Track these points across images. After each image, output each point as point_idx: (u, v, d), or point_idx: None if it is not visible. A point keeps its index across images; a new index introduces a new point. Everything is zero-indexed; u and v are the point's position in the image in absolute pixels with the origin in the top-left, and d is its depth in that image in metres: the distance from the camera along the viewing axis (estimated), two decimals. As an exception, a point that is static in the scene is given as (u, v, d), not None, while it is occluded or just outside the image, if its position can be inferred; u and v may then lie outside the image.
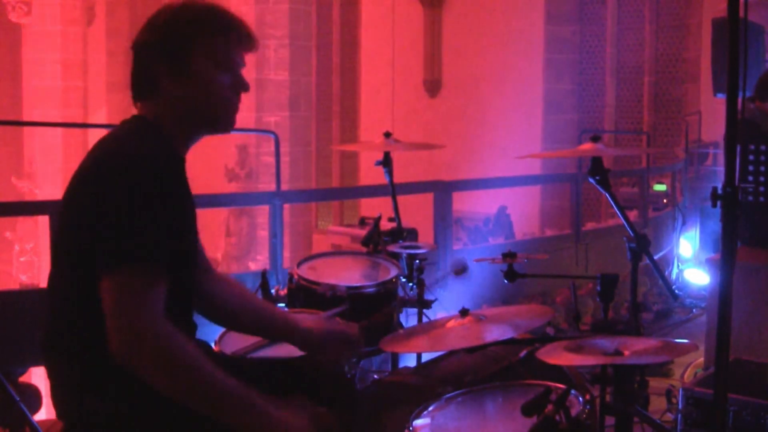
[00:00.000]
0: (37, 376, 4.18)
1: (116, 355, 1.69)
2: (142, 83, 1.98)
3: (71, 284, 1.82)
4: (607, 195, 2.68)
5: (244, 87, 2.02)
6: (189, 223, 1.94)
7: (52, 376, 1.89)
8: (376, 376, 2.61)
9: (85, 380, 1.81)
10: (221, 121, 2.01)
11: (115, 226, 1.72)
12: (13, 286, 12.05)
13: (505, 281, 3.08)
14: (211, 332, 2.32)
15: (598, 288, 2.72)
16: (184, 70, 1.92)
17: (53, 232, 1.95)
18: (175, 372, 1.71)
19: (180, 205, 1.87)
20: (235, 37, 1.98)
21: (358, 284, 3.11)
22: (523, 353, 2.41)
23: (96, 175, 1.81)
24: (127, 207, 1.73)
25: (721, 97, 7.24)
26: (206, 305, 2.15)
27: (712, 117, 9.63)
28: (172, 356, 1.71)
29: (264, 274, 3.62)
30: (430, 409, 2.04)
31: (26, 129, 13.34)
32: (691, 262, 7.93)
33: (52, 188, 12.26)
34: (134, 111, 2.03)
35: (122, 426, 1.81)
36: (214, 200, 6.27)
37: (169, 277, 1.77)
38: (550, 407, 1.69)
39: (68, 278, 1.83)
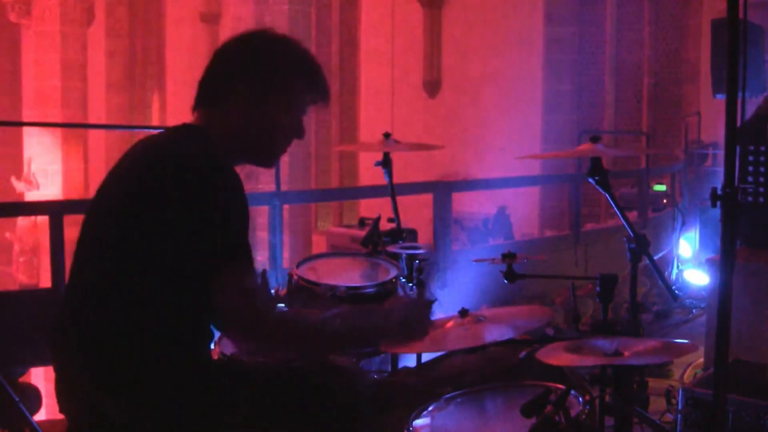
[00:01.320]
0: (37, 377, 4.18)
1: (243, 335, 1.91)
2: (213, 92, 1.99)
3: (121, 283, 1.81)
4: (606, 195, 2.68)
5: (300, 135, 2.07)
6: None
7: (60, 372, 1.89)
8: (375, 377, 2.61)
9: (94, 376, 1.82)
10: (268, 158, 2.06)
11: (233, 227, 1.81)
12: (12, 286, 12.05)
13: (505, 282, 3.08)
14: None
15: (598, 289, 2.72)
16: (260, 99, 1.95)
17: (100, 231, 1.91)
18: (294, 338, 1.91)
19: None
20: (317, 93, 2.04)
21: (358, 285, 3.11)
22: (522, 354, 2.41)
23: (183, 179, 1.81)
24: (235, 210, 1.83)
25: (721, 98, 7.24)
26: None
27: (711, 118, 9.63)
28: (288, 325, 1.94)
29: (263, 275, 3.62)
30: (430, 409, 2.05)
31: (26, 129, 13.33)
32: (690, 262, 7.93)
33: (52, 188, 12.26)
34: (133, 111, 2.03)
35: (131, 424, 1.81)
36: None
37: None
38: (549, 408, 1.69)
39: (122, 276, 1.82)
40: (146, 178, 1.85)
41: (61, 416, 1.93)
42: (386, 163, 3.88)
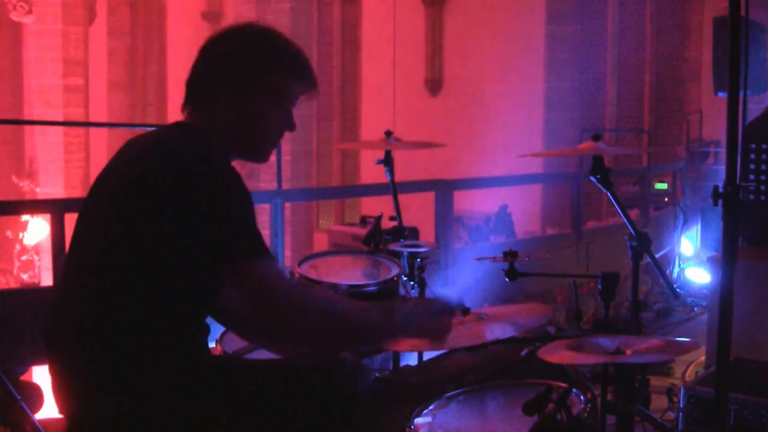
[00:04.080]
0: (39, 375, 4.18)
1: (268, 326, 1.90)
2: (200, 90, 1.98)
3: (117, 281, 1.80)
4: (608, 194, 2.68)
5: (291, 128, 2.06)
6: None
7: (56, 371, 1.89)
8: (377, 375, 2.61)
9: (92, 376, 1.81)
10: (260, 152, 2.05)
11: (246, 221, 1.82)
12: (13, 285, 12.05)
13: (506, 280, 3.08)
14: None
15: (599, 287, 2.72)
16: (248, 95, 1.95)
17: (90, 228, 1.90)
18: (324, 322, 1.89)
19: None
20: (304, 82, 2.02)
21: (360, 283, 3.11)
22: (524, 352, 2.41)
23: (182, 176, 1.80)
24: (244, 204, 1.84)
25: (722, 96, 7.23)
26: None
27: (713, 116, 9.63)
28: (315, 309, 1.89)
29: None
30: (431, 407, 2.05)
31: (27, 128, 13.33)
32: (692, 260, 7.93)
33: (53, 187, 12.25)
34: (133, 111, 2.04)
35: (128, 422, 1.81)
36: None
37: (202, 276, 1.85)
38: (551, 406, 1.69)
39: (115, 275, 1.81)
40: (142, 175, 1.84)
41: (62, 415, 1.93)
42: (388, 161, 3.88)
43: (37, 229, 11.38)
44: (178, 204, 1.79)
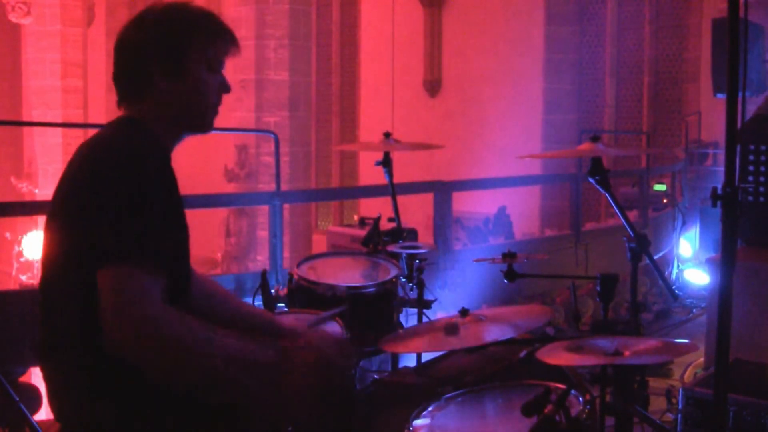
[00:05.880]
0: (37, 376, 4.17)
1: (119, 345, 1.68)
2: (131, 83, 1.96)
3: (69, 285, 1.81)
4: (607, 195, 2.68)
5: (227, 89, 2.04)
6: (183, 220, 1.95)
7: (48, 379, 1.88)
8: (376, 376, 2.61)
9: (83, 383, 1.81)
10: (207, 121, 2.04)
11: (118, 222, 1.73)
12: (12, 286, 12.04)
13: (505, 281, 3.08)
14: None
15: (598, 288, 2.72)
16: (179, 70, 1.94)
17: (47, 234, 1.91)
18: (182, 356, 1.71)
19: (176, 202, 1.89)
20: (225, 40, 2.01)
21: (358, 284, 3.11)
22: (522, 353, 2.41)
23: (93, 174, 1.81)
24: (129, 204, 1.75)
25: (721, 97, 7.24)
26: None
27: (711, 117, 9.63)
28: (179, 339, 1.71)
29: (264, 275, 3.62)
30: (430, 409, 2.04)
31: (26, 129, 13.32)
32: (691, 262, 7.94)
33: (52, 188, 12.23)
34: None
35: (121, 428, 1.80)
36: (214, 200, 6.26)
37: (165, 272, 1.78)
38: (550, 407, 1.69)
39: (66, 279, 1.82)
40: (67, 177, 1.90)
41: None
42: (386, 162, 3.88)
43: (39, 241, 11.33)
44: (85, 204, 1.79)
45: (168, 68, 1.93)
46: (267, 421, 1.90)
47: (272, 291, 3.53)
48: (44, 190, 12.39)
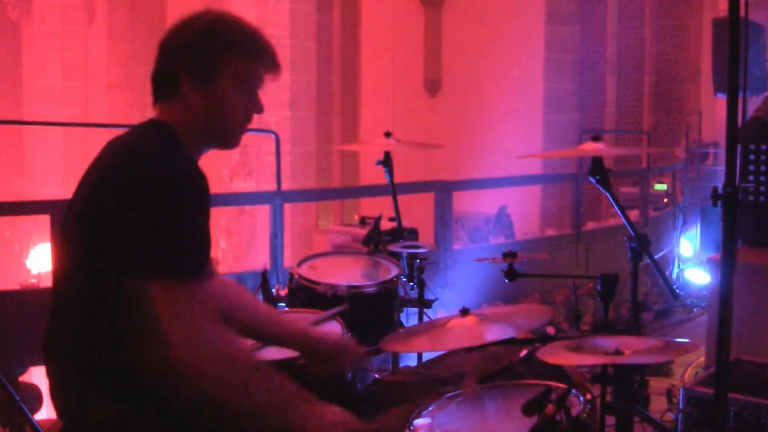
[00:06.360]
0: (38, 376, 4.18)
1: (163, 359, 1.68)
2: (164, 84, 1.97)
3: (89, 285, 1.80)
4: (607, 195, 2.68)
5: (258, 110, 2.04)
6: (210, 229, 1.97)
7: (52, 375, 1.89)
8: (376, 376, 2.61)
9: (88, 381, 1.81)
10: (230, 139, 2.04)
11: (163, 235, 1.73)
12: (13, 286, 12.03)
13: (506, 281, 3.08)
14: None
15: (599, 288, 2.72)
16: (208, 82, 1.94)
17: (65, 232, 1.89)
18: (229, 372, 1.72)
19: (208, 212, 1.90)
20: (264, 63, 2.01)
21: (359, 284, 3.11)
22: (523, 353, 2.41)
23: (130, 181, 1.78)
24: (172, 216, 1.76)
25: (722, 97, 7.24)
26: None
27: (712, 117, 9.64)
28: (230, 356, 1.73)
29: (264, 274, 3.62)
30: (431, 408, 2.04)
31: (26, 128, 13.33)
32: (691, 261, 7.94)
33: (53, 188, 12.25)
34: (133, 111, 2.03)
35: (125, 427, 1.80)
36: (214, 200, 6.22)
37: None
38: (550, 407, 1.69)
39: (86, 279, 1.81)
40: (97, 179, 1.85)
41: (61, 416, 1.93)
42: (387, 162, 3.88)
43: (43, 255, 11.27)
44: (118, 213, 1.76)
45: (195, 76, 1.93)
46: None
47: (273, 290, 3.53)
48: (44, 189, 12.39)
